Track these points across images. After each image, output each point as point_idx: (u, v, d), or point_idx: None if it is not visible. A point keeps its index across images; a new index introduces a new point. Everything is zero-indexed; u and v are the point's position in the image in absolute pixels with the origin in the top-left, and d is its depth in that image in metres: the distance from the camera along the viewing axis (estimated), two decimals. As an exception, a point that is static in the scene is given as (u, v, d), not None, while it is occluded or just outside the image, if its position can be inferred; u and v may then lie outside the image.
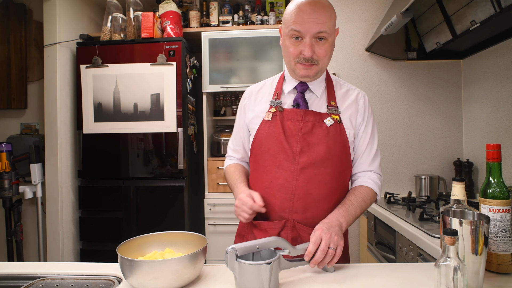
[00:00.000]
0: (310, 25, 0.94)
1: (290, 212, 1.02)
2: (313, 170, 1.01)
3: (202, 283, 0.84)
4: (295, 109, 1.05)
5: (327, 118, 1.04)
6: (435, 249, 1.20)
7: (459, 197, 0.86)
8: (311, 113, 1.04)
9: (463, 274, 0.65)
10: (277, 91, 1.11)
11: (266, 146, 1.05)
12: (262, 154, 1.06)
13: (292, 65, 1.03)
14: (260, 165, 1.08)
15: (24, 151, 2.37)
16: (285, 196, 1.01)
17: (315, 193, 1.01)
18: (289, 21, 0.98)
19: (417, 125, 2.25)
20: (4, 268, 0.97)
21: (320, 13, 0.95)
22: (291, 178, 1.01)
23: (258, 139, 1.08)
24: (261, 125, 1.08)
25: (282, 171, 1.02)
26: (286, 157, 1.02)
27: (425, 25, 1.97)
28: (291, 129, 1.03)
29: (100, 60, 2.26)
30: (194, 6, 2.54)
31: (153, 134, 2.25)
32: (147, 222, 2.26)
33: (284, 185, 1.02)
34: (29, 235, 2.59)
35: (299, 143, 1.02)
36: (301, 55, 0.98)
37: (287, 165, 1.02)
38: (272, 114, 1.06)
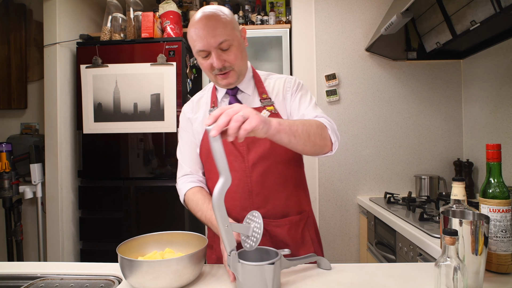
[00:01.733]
0: (207, 40, 0.96)
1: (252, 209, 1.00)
2: (263, 163, 1.03)
3: (202, 283, 0.84)
4: None
5: (263, 111, 1.06)
6: (435, 249, 1.20)
7: (459, 197, 0.86)
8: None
9: (463, 274, 0.65)
10: (213, 99, 1.13)
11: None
12: (211, 162, 1.05)
13: (212, 78, 1.05)
14: (213, 172, 1.07)
15: (24, 151, 2.37)
16: (243, 195, 1.03)
17: (271, 184, 1.04)
18: (192, 42, 1.00)
19: (417, 125, 2.25)
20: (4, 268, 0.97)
21: (212, 25, 0.96)
22: (244, 176, 1.03)
23: (205, 148, 1.09)
24: (205, 134, 1.09)
25: (234, 172, 1.02)
26: (235, 158, 1.04)
27: (425, 25, 1.97)
28: None
29: (100, 60, 2.26)
30: (194, 6, 2.54)
31: (153, 134, 2.25)
32: (147, 222, 2.26)
33: (239, 185, 1.03)
34: (29, 235, 2.59)
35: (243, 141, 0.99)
36: (214, 68, 1.00)
37: (238, 165, 1.03)
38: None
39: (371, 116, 2.27)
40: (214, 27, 0.96)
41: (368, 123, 2.27)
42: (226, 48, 0.98)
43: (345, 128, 2.27)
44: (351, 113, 2.28)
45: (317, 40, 2.29)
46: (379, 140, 2.27)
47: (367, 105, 2.27)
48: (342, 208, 2.27)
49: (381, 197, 2.13)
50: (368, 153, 2.27)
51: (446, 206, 0.88)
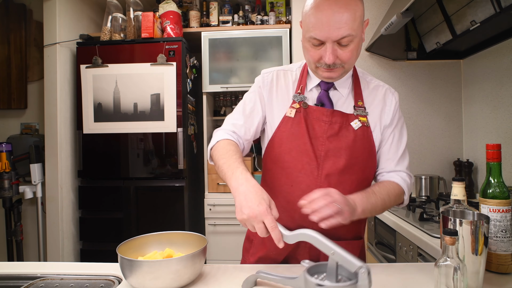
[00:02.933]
0: (330, 31, 0.81)
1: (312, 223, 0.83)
2: (338, 177, 0.92)
3: (202, 283, 0.84)
4: (321, 108, 0.95)
5: (355, 120, 0.94)
6: (435, 249, 1.20)
7: (459, 197, 0.86)
8: (338, 114, 0.94)
9: (463, 274, 0.65)
10: (300, 85, 0.98)
11: (288, 146, 0.94)
12: (282, 154, 0.95)
13: (313, 67, 0.93)
14: (278, 166, 0.96)
15: (24, 151, 2.37)
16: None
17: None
18: (307, 24, 0.85)
19: (417, 125, 2.25)
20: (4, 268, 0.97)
21: (342, 14, 0.80)
22: (314, 184, 0.91)
23: (279, 137, 0.96)
24: (283, 121, 0.96)
25: (304, 175, 0.92)
26: (309, 161, 0.92)
27: (425, 25, 1.97)
28: (316, 130, 0.93)
29: (100, 60, 2.26)
30: (194, 6, 2.54)
31: (153, 134, 2.25)
32: (147, 222, 2.26)
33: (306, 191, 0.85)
34: (29, 235, 2.59)
35: (324, 146, 0.92)
36: (322, 61, 0.87)
37: (311, 169, 0.92)
38: (296, 110, 0.95)
39: (371, 116, 2.26)
40: (342, 19, 0.80)
41: (368, 123, 2.26)
42: (345, 44, 0.84)
43: (345, 128, 2.27)
44: (351, 113, 2.27)
45: (317, 40, 2.29)
46: (379, 140, 2.27)
47: (367, 105, 2.26)
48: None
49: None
50: (368, 153, 2.26)
51: (446, 206, 0.88)
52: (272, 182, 0.98)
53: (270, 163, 0.99)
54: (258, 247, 1.02)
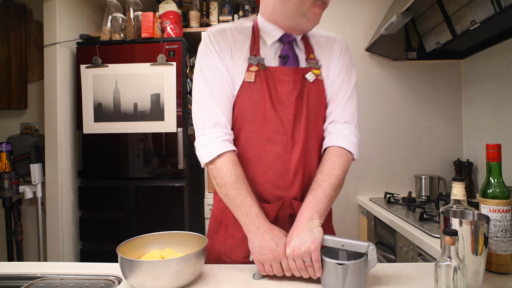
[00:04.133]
0: None
1: (286, 190, 0.88)
2: (305, 139, 0.88)
3: (202, 283, 0.84)
4: (282, 67, 0.88)
5: (308, 73, 0.89)
6: (435, 249, 1.20)
7: (459, 197, 0.86)
8: (300, 71, 0.88)
9: (463, 274, 0.65)
10: (254, 45, 0.89)
11: (251, 115, 0.87)
12: (245, 125, 0.88)
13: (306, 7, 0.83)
14: (242, 138, 0.89)
15: (24, 151, 2.37)
16: (279, 172, 0.88)
17: (311, 165, 0.90)
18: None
19: (417, 125, 2.25)
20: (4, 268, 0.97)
21: None
22: (284, 151, 0.87)
23: (239, 106, 0.88)
24: (242, 88, 0.87)
25: (272, 144, 0.87)
26: (276, 128, 0.86)
27: (425, 25, 1.97)
28: (280, 93, 0.87)
29: (100, 60, 2.26)
30: (194, 6, 2.54)
31: (153, 134, 2.25)
32: (147, 222, 2.26)
33: (277, 160, 0.87)
34: (29, 235, 2.59)
35: (291, 109, 0.87)
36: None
37: (278, 137, 0.87)
38: (255, 73, 0.87)
39: (371, 116, 2.27)
40: None
41: (368, 123, 2.27)
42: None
43: (345, 128, 2.27)
44: (351, 113, 2.27)
45: (317, 40, 2.29)
46: (379, 140, 2.27)
47: (367, 105, 2.27)
48: (342, 208, 2.27)
49: (381, 197, 2.13)
50: (368, 153, 2.27)
51: (446, 206, 0.88)
52: (239, 154, 0.90)
53: (235, 134, 0.91)
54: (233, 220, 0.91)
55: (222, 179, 0.84)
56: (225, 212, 0.95)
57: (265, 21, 0.92)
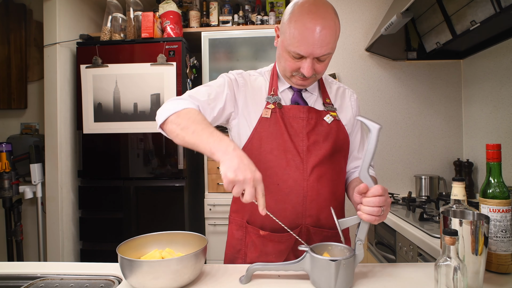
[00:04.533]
0: (314, 49, 0.86)
1: (303, 217, 0.95)
2: (321, 168, 0.96)
3: (202, 283, 0.84)
4: (297, 106, 1.00)
5: (327, 115, 1.00)
6: (435, 249, 1.20)
7: (459, 197, 0.86)
8: (313, 110, 1.00)
9: (463, 274, 0.65)
10: (272, 87, 1.02)
11: (269, 145, 0.96)
12: (263, 154, 0.96)
13: (288, 75, 0.97)
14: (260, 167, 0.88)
15: (24, 151, 2.37)
16: (297, 199, 0.94)
17: (325, 192, 0.97)
18: (290, 37, 0.87)
19: (417, 125, 2.25)
20: (4, 268, 0.97)
21: (326, 33, 0.85)
22: (301, 179, 0.94)
23: (257, 138, 0.97)
24: (260, 122, 0.97)
25: (290, 172, 0.94)
26: (293, 157, 0.95)
27: (425, 25, 1.97)
28: (295, 127, 0.97)
29: (100, 60, 2.26)
30: (194, 6, 2.54)
31: (153, 134, 2.25)
32: (147, 222, 2.26)
33: (294, 187, 0.94)
34: (29, 235, 2.59)
35: (304, 141, 0.96)
36: (300, 71, 0.92)
37: (296, 165, 0.94)
38: (271, 111, 0.98)
39: (371, 116, 2.27)
40: (326, 39, 0.86)
41: (368, 123, 2.26)
42: (323, 60, 0.91)
43: (345, 128, 2.27)
44: (351, 113, 2.27)
45: (317, 40, 2.29)
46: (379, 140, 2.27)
47: (367, 105, 2.27)
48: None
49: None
50: (368, 153, 2.26)
51: (446, 206, 0.88)
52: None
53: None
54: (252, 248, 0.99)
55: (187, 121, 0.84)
56: (244, 241, 1.01)
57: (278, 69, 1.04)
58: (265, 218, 0.91)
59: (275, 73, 1.05)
